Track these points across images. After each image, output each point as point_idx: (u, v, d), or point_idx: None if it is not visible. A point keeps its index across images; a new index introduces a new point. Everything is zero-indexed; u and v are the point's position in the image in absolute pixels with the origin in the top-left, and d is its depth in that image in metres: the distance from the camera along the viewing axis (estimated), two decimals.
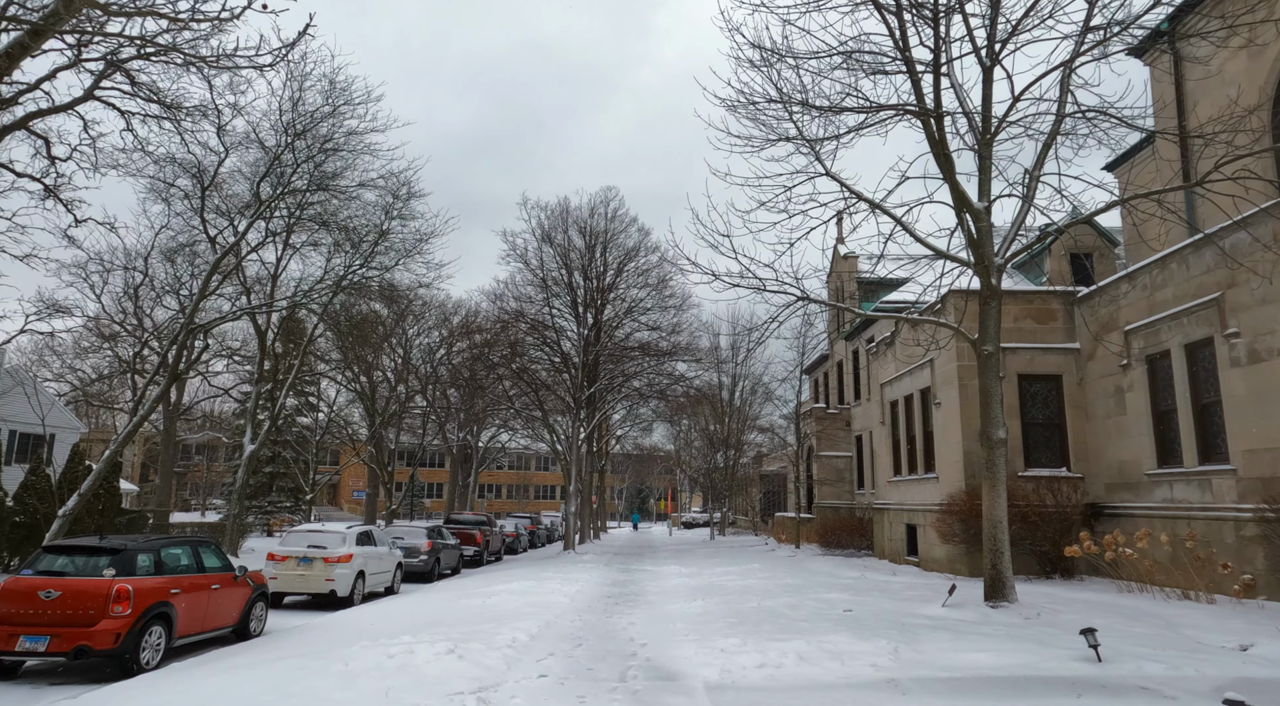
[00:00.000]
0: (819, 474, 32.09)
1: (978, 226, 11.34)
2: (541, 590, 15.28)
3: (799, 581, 16.50)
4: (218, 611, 11.11)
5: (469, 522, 29.81)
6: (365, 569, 16.86)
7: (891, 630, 9.40)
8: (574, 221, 33.40)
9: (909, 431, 21.11)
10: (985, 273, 11.27)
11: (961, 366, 17.65)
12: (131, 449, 72.93)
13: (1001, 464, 11.18)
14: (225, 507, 51.64)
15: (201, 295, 21.67)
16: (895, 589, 14.43)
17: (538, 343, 32.06)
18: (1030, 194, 11.53)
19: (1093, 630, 7.55)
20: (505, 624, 10.71)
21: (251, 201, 23.45)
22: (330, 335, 41.53)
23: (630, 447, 71.14)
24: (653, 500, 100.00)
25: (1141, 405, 15.19)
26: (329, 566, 15.87)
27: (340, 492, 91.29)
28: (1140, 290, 15.23)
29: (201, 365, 45.98)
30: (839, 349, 34.86)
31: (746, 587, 15.57)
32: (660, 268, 33.24)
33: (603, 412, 35.18)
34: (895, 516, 21.86)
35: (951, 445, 17.86)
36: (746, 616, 11.07)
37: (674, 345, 33.80)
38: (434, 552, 22.40)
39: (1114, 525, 15.57)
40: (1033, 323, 17.71)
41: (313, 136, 22.95)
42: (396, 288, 33.38)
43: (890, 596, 13.10)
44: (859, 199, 12.89)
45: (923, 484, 19.71)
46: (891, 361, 22.42)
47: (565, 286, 32.64)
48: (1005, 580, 10.82)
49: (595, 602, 14.00)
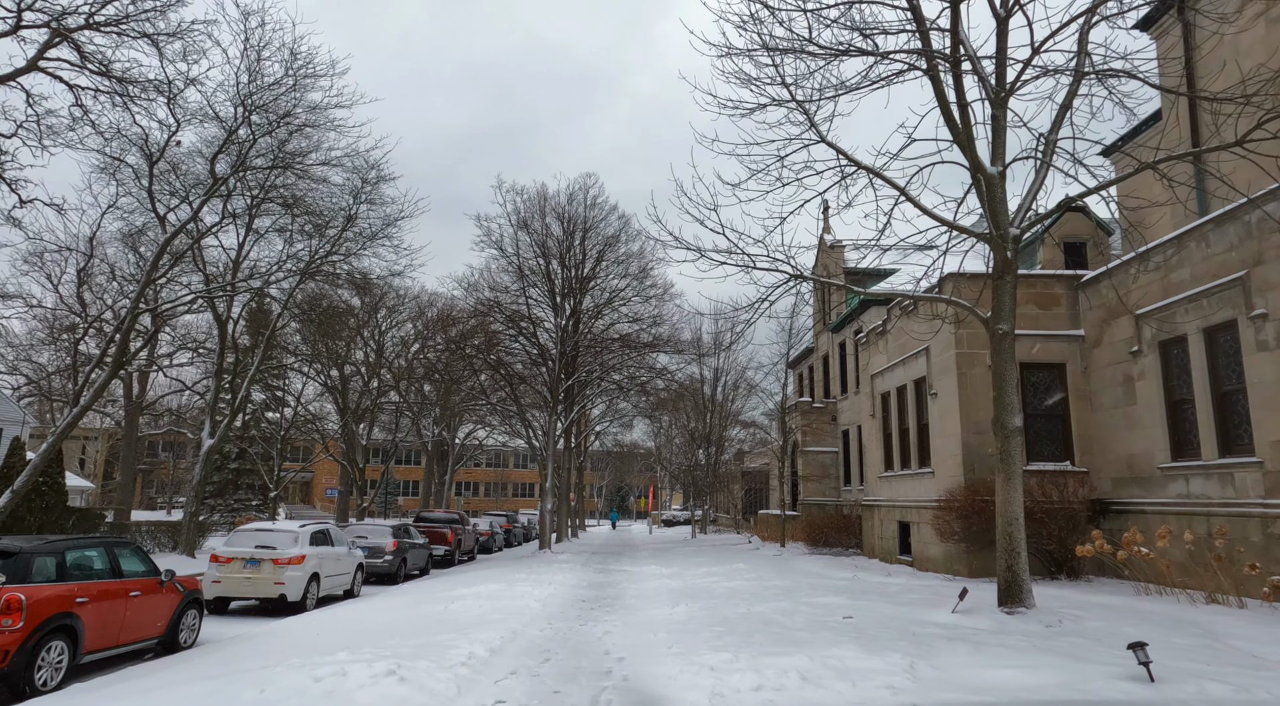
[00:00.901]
0: (804, 470, 31.08)
1: (991, 194, 10.26)
2: (510, 594, 14.06)
3: (788, 583, 15.40)
4: (138, 622, 9.80)
5: (440, 521, 28.48)
6: (320, 571, 15.56)
7: (902, 641, 8.29)
8: (552, 208, 32.13)
9: (901, 424, 20.10)
10: (1000, 244, 10.20)
11: (960, 354, 16.63)
12: (94, 445, 70.69)
13: (1018, 455, 10.12)
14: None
15: (149, 277, 20.19)
16: (894, 591, 13.36)
17: (513, 334, 30.74)
18: (1047, 159, 10.47)
19: (1143, 645, 6.47)
20: (465, 634, 9.50)
21: (208, 179, 21.95)
22: (299, 327, 40.01)
23: (610, 444, 69.98)
24: (632, 498, 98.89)
25: (1154, 394, 14.23)
26: (278, 568, 14.55)
27: (313, 490, 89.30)
28: (1154, 271, 14.27)
29: (164, 359, 44.27)
30: (824, 342, 33.88)
31: (733, 590, 14.44)
32: (641, 257, 32.08)
33: (581, 406, 33.95)
34: (886, 513, 20.85)
35: (949, 437, 16.85)
36: (736, 624, 9.93)
37: (655, 337, 32.64)
38: (399, 553, 21.09)
39: (1122, 522, 14.62)
40: (1035, 308, 16.72)
41: (272, 111, 21.51)
42: (368, 276, 31.90)
43: (890, 600, 12.01)
44: (856, 166, 11.78)
45: (917, 479, 18.70)
46: (883, 351, 21.41)
47: (543, 275, 31.36)
48: (1021, 583, 9.76)
49: (569, 607, 12.80)
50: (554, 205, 32.12)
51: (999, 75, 10.53)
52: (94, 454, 72.09)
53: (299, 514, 74.71)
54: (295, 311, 35.33)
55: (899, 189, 11.34)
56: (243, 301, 32.95)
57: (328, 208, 27.28)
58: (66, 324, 35.66)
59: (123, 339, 19.56)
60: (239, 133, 21.51)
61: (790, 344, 32.34)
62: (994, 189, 10.19)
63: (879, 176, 11.64)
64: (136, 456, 69.14)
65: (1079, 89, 10.86)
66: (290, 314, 34.61)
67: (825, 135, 12.00)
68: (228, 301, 29.12)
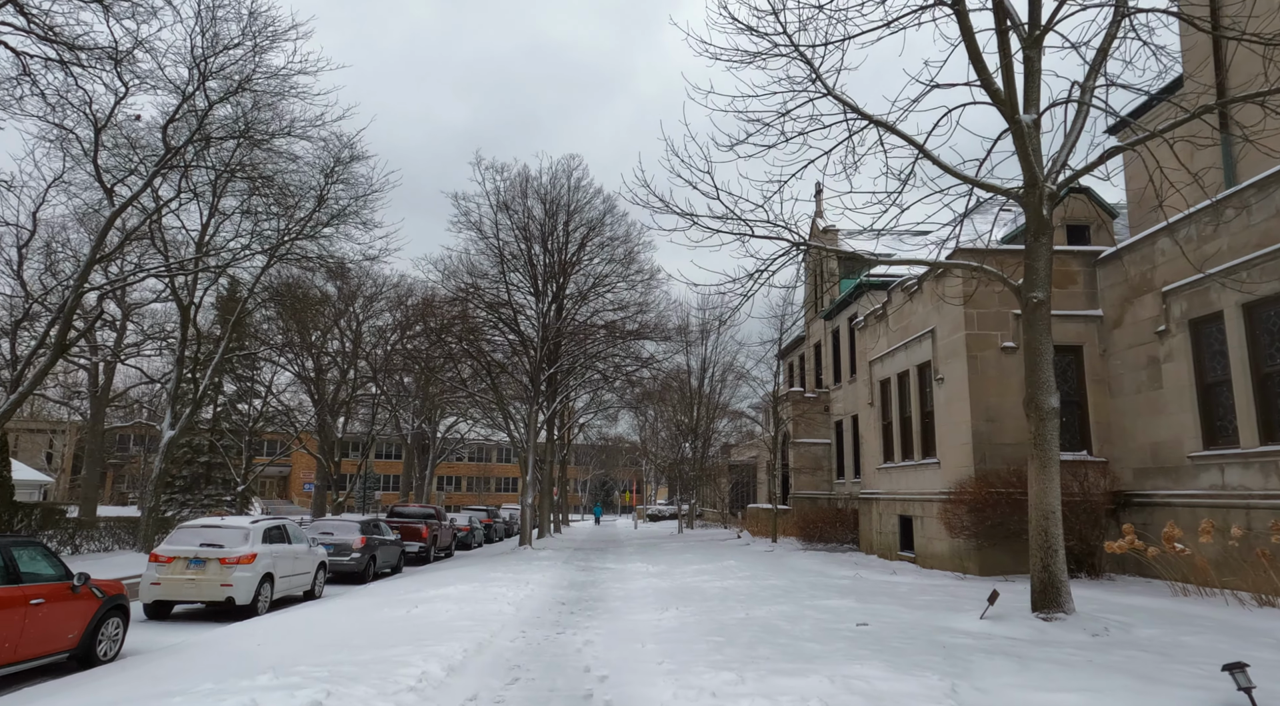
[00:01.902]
0: (796, 462, 29.92)
1: (1025, 144, 9.04)
2: (483, 596, 12.75)
3: (786, 582, 14.20)
4: (41, 633, 8.41)
5: (414, 516, 27.10)
6: (274, 570, 14.17)
7: (932, 655, 7.08)
8: (534, 190, 30.70)
9: (903, 412, 18.94)
10: (1035, 200, 8.98)
11: (971, 335, 15.45)
12: (61, 439, 68.59)
13: (1054, 439, 8.93)
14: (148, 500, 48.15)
15: (94, 254, 18.64)
16: (904, 592, 12.17)
17: (493, 321, 29.32)
18: (1085, 105, 9.26)
19: (1242, 666, 5.28)
20: (423, 647, 8.19)
21: (163, 151, 20.38)
22: (271, 313, 38.37)
23: (595, 437, 68.62)
24: (617, 492, 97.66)
25: (1183, 377, 13.11)
26: (226, 569, 13.15)
27: (291, 485, 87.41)
28: (1184, 244, 13.13)
29: (131, 349, 42.46)
30: (817, 330, 32.72)
31: (727, 590, 13.22)
32: (628, 241, 30.74)
33: (564, 396, 32.60)
34: (886, 507, 19.70)
35: (957, 426, 15.69)
36: (735, 633, 8.68)
37: (641, 324, 31.29)
38: (368, 550, 19.72)
39: (1146, 516, 13.52)
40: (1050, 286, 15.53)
41: (230, 76, 20.00)
42: (341, 261, 30.35)
43: (903, 603, 10.82)
44: (868, 121, 10.54)
45: (920, 470, 17.55)
46: (882, 336, 20.23)
47: (524, 260, 29.95)
48: (1059, 585, 8.57)
49: (546, 612, 11.52)
50: (536, 186, 30.74)
51: (1033, 13, 9.31)
52: (61, 448, 69.95)
53: (275, 509, 72.94)
54: (265, 296, 33.77)
55: (916, 145, 10.11)
56: (211, 287, 31.33)
57: (297, 186, 25.80)
58: (29, 312, 33.87)
59: (65, 320, 18.05)
60: (195, 99, 20.00)
61: (784, 329, 31.11)
62: (1029, 138, 8.97)
63: (892, 131, 10.41)
64: (105, 450, 67.02)
65: (1116, 31, 9.67)
66: (259, 299, 33.05)
67: (832, 88, 10.78)
68: (190, 285, 27.54)
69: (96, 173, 18.86)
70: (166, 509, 47.45)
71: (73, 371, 51.47)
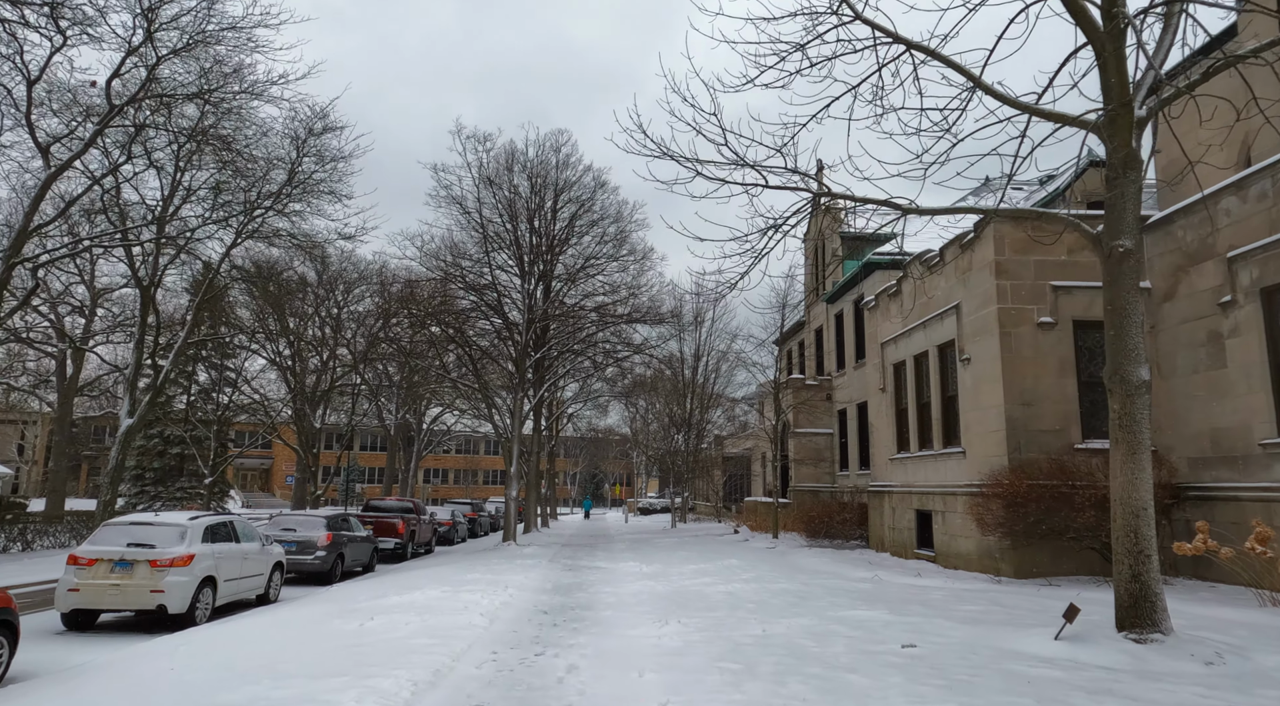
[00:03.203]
0: (796, 453, 28.32)
1: (1107, 60, 7.38)
2: (452, 604, 11.04)
3: (798, 586, 12.57)
4: None
5: (390, 510, 25.32)
6: (217, 573, 12.43)
7: (1018, 695, 5.44)
8: (521, 166, 28.86)
9: (920, 397, 17.33)
10: (1122, 126, 7.32)
11: (1004, 309, 13.81)
12: (33, 429, 66.43)
13: (1144, 418, 7.29)
14: (122, 492, 46.11)
15: (28, 221, 16.78)
16: (938, 600, 10.55)
17: (476, 303, 27.50)
18: (1175, 15, 7.59)
19: None
20: (365, 677, 6.51)
21: (116, 110, 18.45)
22: (244, 297, 36.48)
23: (584, 428, 66.93)
24: (607, 485, 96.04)
25: (1252, 353, 11.52)
26: (157, 572, 11.39)
27: (274, 478, 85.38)
28: (1254, 202, 11.54)
29: (99, 337, 40.42)
30: (818, 314, 31.09)
31: (733, 596, 11.57)
32: (619, 221, 28.97)
33: (551, 382, 30.84)
34: (900, 501, 18.11)
35: (987, 410, 14.07)
36: (754, 658, 7.03)
37: (633, 308, 29.49)
38: (335, 548, 18.00)
39: (1206, 511, 11.93)
40: (1091, 256, 13.91)
41: (180, 27, 18.12)
42: (313, 239, 28.45)
43: (944, 614, 9.19)
44: (905, 46, 8.87)
45: (941, 461, 15.95)
46: (897, 316, 18.60)
47: (510, 240, 28.12)
48: (1154, 599, 6.95)
49: (524, 624, 9.83)
50: (523, 162, 28.89)
51: None
52: (33, 439, 67.84)
53: (257, 502, 71.01)
54: (235, 276, 31.87)
55: (969, 75, 8.44)
56: (170, 264, 29.38)
57: (266, 159, 23.93)
58: None
59: None
60: (144, 54, 18.12)
61: (786, 305, 29.42)
62: (1114, 49, 7.30)
63: (934, 56, 8.73)
64: (76, 441, 64.65)
65: None
66: (228, 279, 31.15)
67: (860, 12, 9.10)
68: (151, 264, 25.62)
69: (30, 131, 16.98)
70: (137, 503, 45.51)
71: (40, 358, 49.33)
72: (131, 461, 47.24)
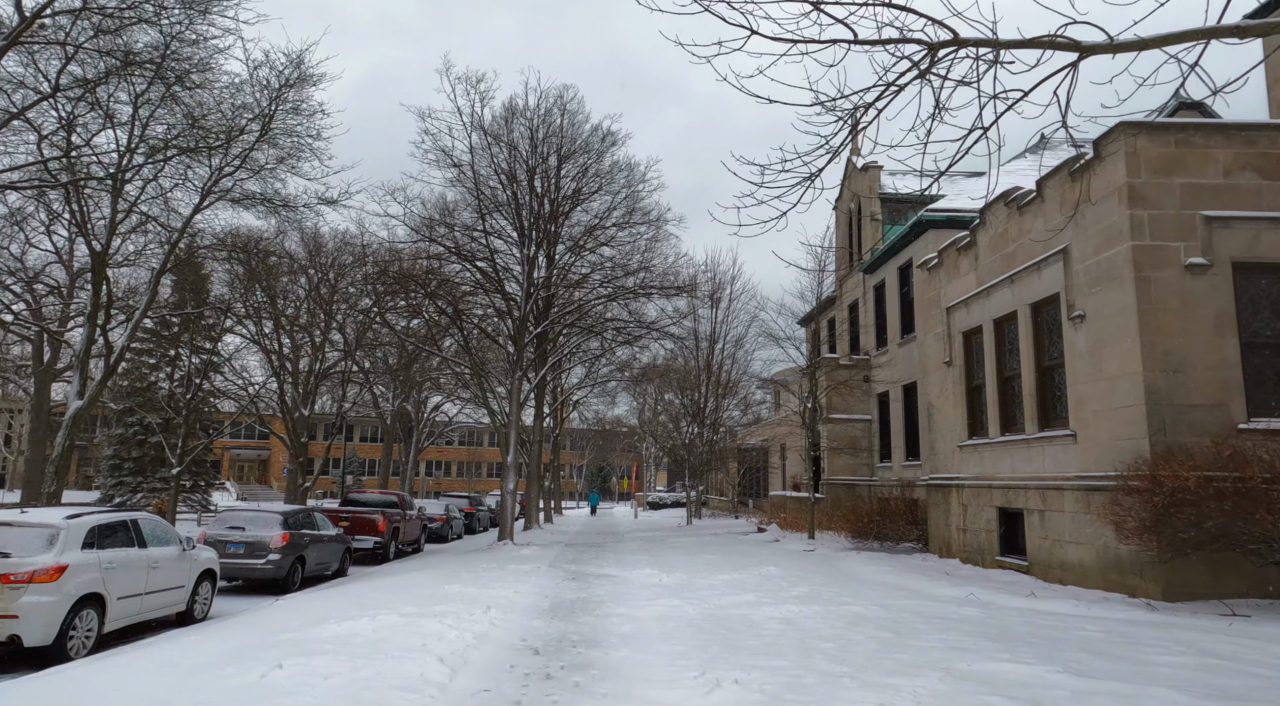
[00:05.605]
0: (830, 441, 25.11)
1: None
2: (406, 640, 7.88)
3: (878, 611, 9.41)
4: None
5: (370, 504, 22.27)
6: (107, 589, 9.38)
7: None
8: (523, 120, 25.63)
9: (1004, 371, 14.11)
10: None
11: (1139, 248, 10.55)
12: (20, 419, 63.95)
13: None
14: (104, 486, 43.27)
15: None
16: (1105, 643, 7.36)
17: (469, 271, 24.35)
18: None
19: None
20: None
21: (29, 21, 15.29)
22: (227, 275, 33.50)
23: (591, 420, 63.76)
24: (614, 478, 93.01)
25: None
26: (10, 591, 8.34)
27: (270, 469, 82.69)
28: None
29: (76, 320, 37.61)
30: (853, 287, 27.82)
31: (794, 627, 8.41)
32: (630, 176, 25.76)
33: (554, 362, 27.70)
34: (975, 496, 14.91)
35: (1113, 381, 10.85)
36: None
37: (643, 282, 26.23)
38: (293, 549, 14.96)
39: None
40: (1256, 176, 10.68)
41: None
42: (289, 202, 25.33)
43: (1140, 669, 6.02)
44: None
45: (1037, 447, 12.74)
46: (970, 272, 15.37)
47: (509, 201, 24.91)
48: None
49: (503, 676, 6.69)
50: (526, 116, 25.65)
51: None
52: (19, 428, 65.51)
53: (253, 494, 68.14)
54: (209, 243, 28.85)
55: None
56: (134, 233, 26.37)
57: (233, 108, 20.86)
58: None
59: None
60: None
61: (823, 268, 26.16)
62: None
63: None
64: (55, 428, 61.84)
65: None
66: (199, 246, 28.11)
67: None
68: (108, 227, 22.59)
69: None
70: (115, 494, 42.60)
71: (19, 342, 46.59)
72: (109, 450, 44.49)
